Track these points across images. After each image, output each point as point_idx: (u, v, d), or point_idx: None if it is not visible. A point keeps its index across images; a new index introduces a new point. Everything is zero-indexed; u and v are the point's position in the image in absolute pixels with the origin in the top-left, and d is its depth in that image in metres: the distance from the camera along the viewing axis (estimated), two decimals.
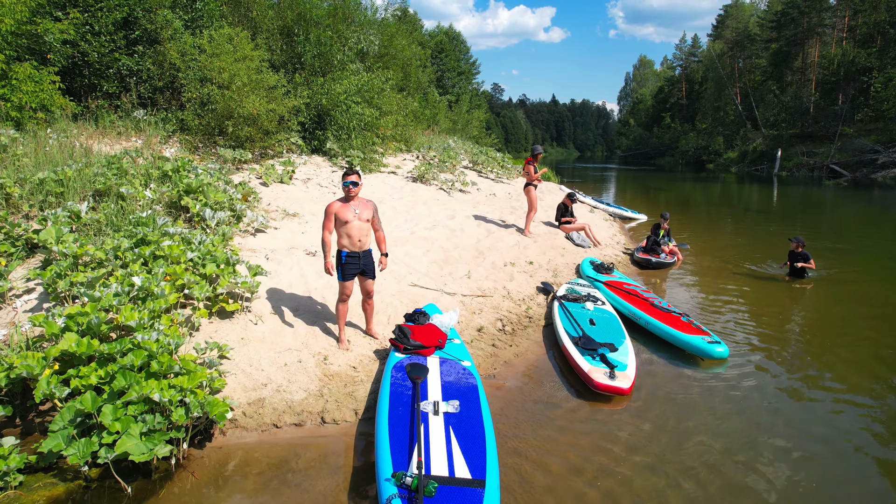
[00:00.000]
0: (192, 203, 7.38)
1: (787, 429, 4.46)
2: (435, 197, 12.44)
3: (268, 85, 12.40)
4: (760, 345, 6.30)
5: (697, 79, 66.32)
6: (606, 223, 13.99)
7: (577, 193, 13.80)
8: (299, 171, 12.22)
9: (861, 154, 37.07)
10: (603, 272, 8.38)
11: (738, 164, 48.25)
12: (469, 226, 10.28)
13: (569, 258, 9.54)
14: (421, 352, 5.03)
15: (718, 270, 9.90)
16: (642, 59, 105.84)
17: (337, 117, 14.08)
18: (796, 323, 7.15)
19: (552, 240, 10.41)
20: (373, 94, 15.45)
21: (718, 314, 7.40)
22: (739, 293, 8.40)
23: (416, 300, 6.60)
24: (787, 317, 7.47)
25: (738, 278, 9.25)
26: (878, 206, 23.17)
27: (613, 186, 34.75)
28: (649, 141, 73.15)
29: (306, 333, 5.45)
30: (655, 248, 10.50)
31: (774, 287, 8.74)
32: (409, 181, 13.55)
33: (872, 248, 12.56)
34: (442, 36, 39.34)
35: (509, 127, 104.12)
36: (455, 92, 36.96)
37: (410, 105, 17.72)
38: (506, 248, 9.28)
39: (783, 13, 49.02)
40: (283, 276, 6.58)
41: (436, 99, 25.41)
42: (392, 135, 16.08)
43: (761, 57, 54.44)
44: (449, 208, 11.43)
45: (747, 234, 14.66)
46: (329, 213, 5.12)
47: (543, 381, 5.29)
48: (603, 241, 11.29)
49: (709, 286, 8.92)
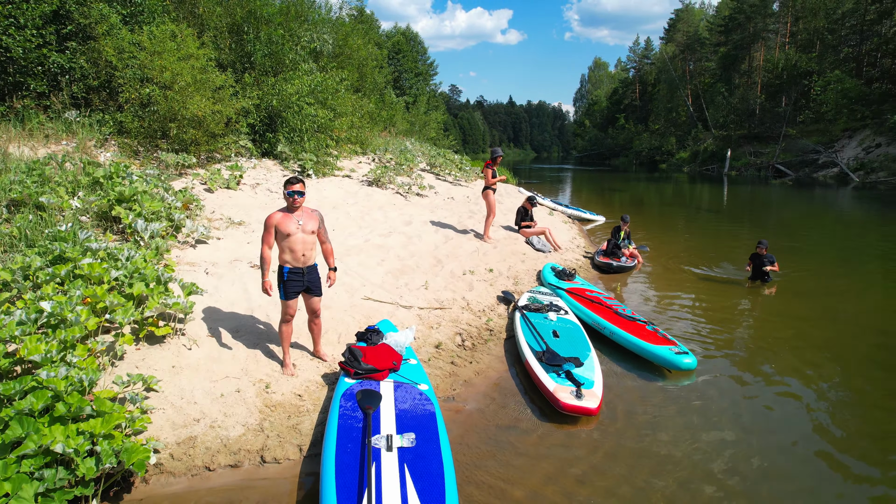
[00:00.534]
0: (125, 213, 6.74)
1: (761, 445, 4.24)
2: (391, 201, 11.99)
3: (214, 85, 11.71)
4: (727, 353, 6.12)
5: (650, 81, 67.79)
6: (566, 226, 13.83)
7: (536, 196, 13.54)
8: (248, 176, 11.57)
9: (804, 154, 38.44)
10: (565, 279, 8.12)
11: (689, 164, 49.46)
12: (426, 232, 9.87)
13: (529, 264, 9.25)
14: (373, 376, 4.60)
15: (677, 274, 9.80)
16: (597, 61, 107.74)
17: (289, 119, 13.46)
18: (762, 329, 7.03)
19: (512, 245, 10.11)
20: (327, 95, 14.88)
21: (682, 321, 7.22)
22: (701, 298, 8.28)
23: (369, 315, 6.15)
24: (752, 322, 7.36)
25: (699, 282, 9.15)
26: (820, 203, 23.97)
27: (570, 187, 34.97)
28: (604, 142, 74.40)
29: (247, 358, 4.94)
30: (616, 252, 10.34)
31: (736, 291, 8.66)
32: (364, 185, 13.06)
33: (821, 246, 12.79)
34: (399, 37, 38.82)
35: (467, 128, 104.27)
36: (412, 93, 36.50)
37: (366, 106, 17.20)
38: (465, 255, 8.92)
39: (731, 18, 50.54)
40: (223, 293, 6.03)
41: (393, 100, 24.89)
42: (347, 137, 15.54)
43: (711, 60, 56.02)
44: (406, 213, 11.00)
45: (701, 235, 14.77)
46: (269, 226, 4.63)
47: (506, 402, 4.93)
48: (563, 245, 11.07)
49: (670, 291, 8.78)
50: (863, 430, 4.54)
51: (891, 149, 34.18)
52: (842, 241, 13.90)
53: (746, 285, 8.92)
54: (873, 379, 5.50)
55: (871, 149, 35.66)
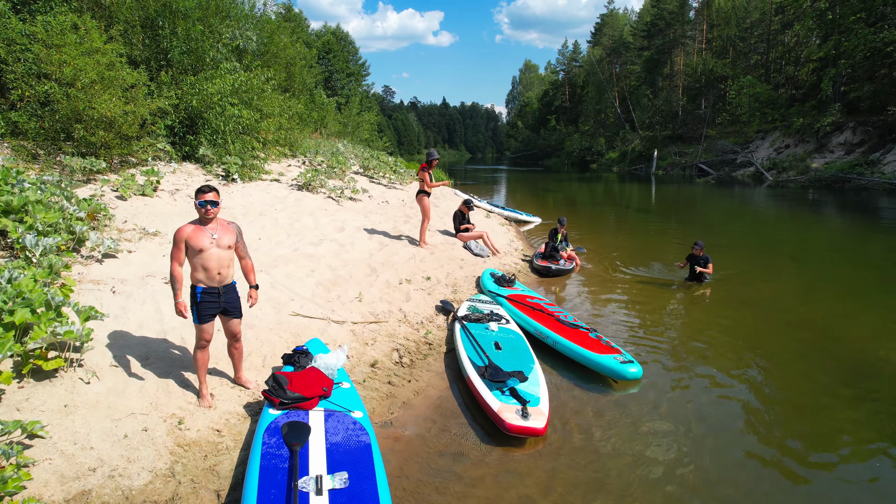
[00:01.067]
0: (12, 226, 5.93)
1: (714, 460, 4.12)
2: (322, 207, 11.44)
3: (125, 83, 10.78)
4: (671, 358, 6.07)
5: (579, 83, 69.66)
6: (503, 228, 13.71)
7: (473, 199, 13.36)
8: (166, 181, 10.72)
9: (723, 154, 40.52)
10: (504, 285, 7.91)
11: (619, 164, 51.14)
12: (360, 239, 9.42)
13: (468, 270, 8.99)
14: (301, 405, 4.16)
15: (614, 275, 9.82)
16: (527, 63, 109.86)
17: (211, 120, 12.62)
18: (700, 330, 7.05)
19: (450, 250, 9.82)
20: (252, 95, 14.10)
21: (622, 325, 7.16)
22: (639, 300, 8.28)
23: (298, 333, 5.68)
24: (690, 323, 7.39)
25: (636, 284, 9.18)
26: (739, 201, 25.23)
27: (504, 188, 35.25)
28: (537, 142, 75.88)
29: (157, 390, 4.37)
30: (554, 255, 10.27)
31: (672, 292, 8.73)
32: (293, 189, 12.43)
33: (744, 243, 13.29)
34: (329, 36, 37.83)
35: (402, 129, 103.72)
36: (345, 94, 35.67)
37: (295, 107, 16.46)
38: (401, 262, 8.55)
39: (652, 24, 52.61)
40: (132, 314, 5.38)
41: (323, 101, 24.11)
42: (275, 139, 14.79)
43: (636, 63, 58.17)
44: (338, 219, 10.50)
45: (632, 234, 15.06)
46: (178, 241, 4.10)
47: (449, 425, 4.61)
48: (501, 249, 10.90)
49: (609, 293, 8.76)
50: (808, 432, 4.53)
51: (798, 149, 36.56)
52: (762, 237, 14.52)
53: (685, 283, 9.03)
54: (804, 373, 5.57)
55: (781, 149, 38.03)
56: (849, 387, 5.30)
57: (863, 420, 4.71)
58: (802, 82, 40.73)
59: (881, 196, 24.04)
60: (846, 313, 7.68)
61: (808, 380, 5.50)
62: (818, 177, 31.11)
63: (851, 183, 28.77)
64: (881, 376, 5.51)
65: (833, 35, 33.21)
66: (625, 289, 8.93)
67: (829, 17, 33.34)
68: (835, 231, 15.80)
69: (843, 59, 32.62)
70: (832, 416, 4.79)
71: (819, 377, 5.55)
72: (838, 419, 4.74)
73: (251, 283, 4.55)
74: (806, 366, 5.84)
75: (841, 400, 5.06)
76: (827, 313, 7.65)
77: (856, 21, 31.44)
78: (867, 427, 4.59)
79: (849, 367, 5.80)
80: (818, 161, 34.10)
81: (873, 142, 32.53)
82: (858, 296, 8.58)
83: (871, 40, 30.23)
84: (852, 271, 10.35)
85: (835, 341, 6.55)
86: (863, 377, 5.53)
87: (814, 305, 8.01)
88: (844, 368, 5.75)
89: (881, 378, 5.47)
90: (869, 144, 32.70)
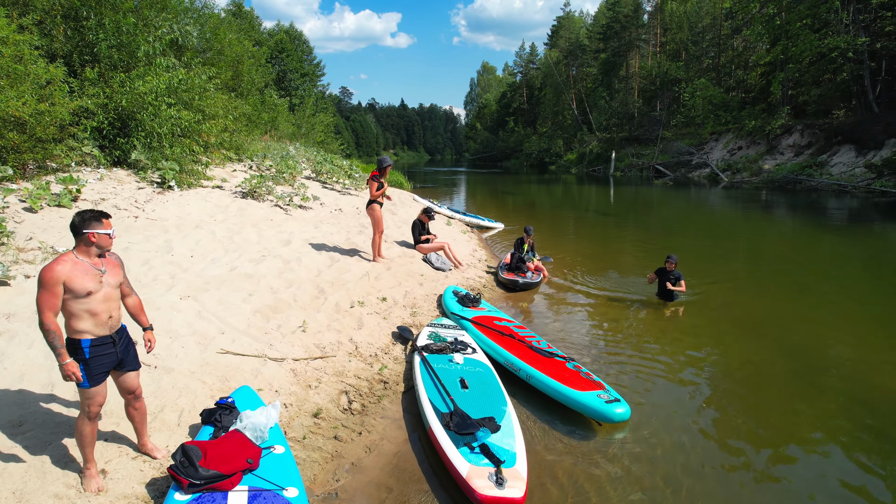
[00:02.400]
0: None
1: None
2: (268, 216, 10.42)
3: (39, 80, 9.52)
4: (660, 393, 5.34)
5: (537, 85, 69.82)
6: (465, 236, 12.94)
7: (433, 206, 12.57)
8: (90, 190, 9.52)
9: (679, 156, 40.96)
10: (469, 305, 7.11)
11: (577, 166, 51.26)
12: (308, 253, 8.46)
13: (429, 287, 8.15)
14: (218, 486, 3.24)
15: (581, 288, 9.14)
16: (485, 65, 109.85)
17: (145, 122, 11.39)
18: (679, 352, 6.40)
19: (408, 264, 8.97)
20: (193, 95, 12.90)
21: (600, 350, 6.45)
22: (613, 318, 7.61)
23: (226, 378, 4.72)
24: (674, 346, 6.71)
25: (606, 301, 8.48)
26: (696, 202, 25.25)
27: (464, 190, 34.61)
28: (496, 144, 75.77)
29: (27, 470, 3.36)
30: (521, 266, 9.55)
31: (645, 311, 7.97)
32: (237, 197, 11.34)
33: (704, 248, 12.92)
34: (282, 35, 36.30)
35: (360, 131, 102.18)
36: (299, 94, 34.31)
37: (241, 107, 15.29)
38: (353, 280, 7.64)
39: (608, 26, 53.00)
40: (13, 362, 4.33)
41: (275, 101, 22.81)
42: (219, 142, 13.63)
43: (592, 66, 58.55)
44: (285, 231, 9.50)
45: (594, 239, 14.56)
46: (53, 284, 3.05)
47: (408, 496, 3.75)
48: (464, 260, 10.12)
49: (578, 310, 8.07)
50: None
51: (750, 151, 37.24)
52: (721, 239, 14.22)
53: (646, 302, 8.29)
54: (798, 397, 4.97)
55: (734, 151, 38.69)
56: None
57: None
58: (752, 86, 41.58)
59: (829, 197, 24.49)
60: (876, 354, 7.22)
61: (810, 405, 4.90)
62: (771, 178, 31.63)
63: (802, 184, 29.32)
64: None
65: (781, 40, 33.90)
66: (595, 305, 8.23)
67: (777, 22, 33.99)
68: (791, 232, 15.69)
69: (791, 63, 33.34)
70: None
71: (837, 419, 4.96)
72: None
73: (144, 324, 3.61)
74: (799, 383, 5.26)
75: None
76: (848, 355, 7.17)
77: (802, 27, 32.13)
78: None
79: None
80: (769, 162, 34.76)
81: (820, 144, 33.34)
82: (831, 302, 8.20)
83: (816, 46, 30.93)
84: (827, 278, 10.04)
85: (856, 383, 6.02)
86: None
87: (813, 327, 7.52)
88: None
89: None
90: (816, 146, 33.50)
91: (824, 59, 31.54)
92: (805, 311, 7.94)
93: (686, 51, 48.49)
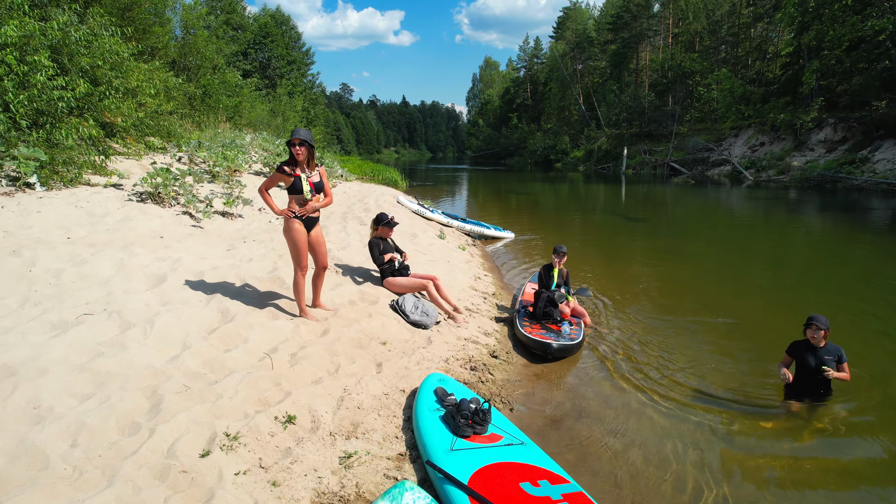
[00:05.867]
0: None
1: None
2: (160, 231, 6.64)
3: None
4: None
5: (541, 80, 65.98)
6: (463, 254, 9.16)
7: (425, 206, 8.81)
8: None
9: (696, 152, 37.09)
10: (467, 431, 3.34)
11: (584, 163, 47.47)
12: (185, 302, 4.62)
13: (393, 372, 4.28)
14: None
15: (646, 360, 5.36)
16: (488, 60, 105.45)
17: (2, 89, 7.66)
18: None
19: (364, 319, 5.06)
20: (96, 60, 9.16)
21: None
22: (727, 432, 3.83)
23: None
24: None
25: (707, 401, 4.67)
26: (732, 203, 21.21)
27: (465, 189, 30.80)
28: (499, 141, 71.99)
29: None
30: (552, 313, 5.81)
31: (789, 439, 4.08)
32: (131, 201, 7.56)
33: (831, 281, 9.08)
34: (267, 19, 32.26)
35: (360, 128, 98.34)
36: (285, 83, 30.46)
37: (174, 82, 11.46)
38: (243, 368, 3.77)
39: (618, 16, 49.18)
40: None
41: (237, 82, 18.82)
42: (131, 124, 9.84)
43: (600, 59, 54.66)
44: (170, 257, 5.67)
45: (633, 256, 10.72)
46: None
47: None
48: (463, 298, 6.34)
49: (666, 408, 4.28)
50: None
51: (774, 147, 33.38)
52: (836, 267, 10.42)
53: (790, 408, 4.25)
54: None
55: (756, 147, 34.82)
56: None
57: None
58: (775, 77, 37.60)
59: (873, 197, 20.66)
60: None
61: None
62: (805, 176, 27.76)
63: (842, 183, 25.47)
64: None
65: (814, 25, 29.96)
66: (695, 413, 4.40)
67: (812, 4, 29.98)
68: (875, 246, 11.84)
69: (826, 50, 29.43)
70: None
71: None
72: None
73: None
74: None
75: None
76: None
77: (841, 8, 28.20)
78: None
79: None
80: (798, 159, 30.92)
81: (857, 139, 29.45)
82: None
83: (859, 28, 27.02)
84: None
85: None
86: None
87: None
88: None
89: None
90: (853, 141, 29.61)
91: (865, 44, 27.64)
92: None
93: (701, 41, 44.52)
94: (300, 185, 4.52)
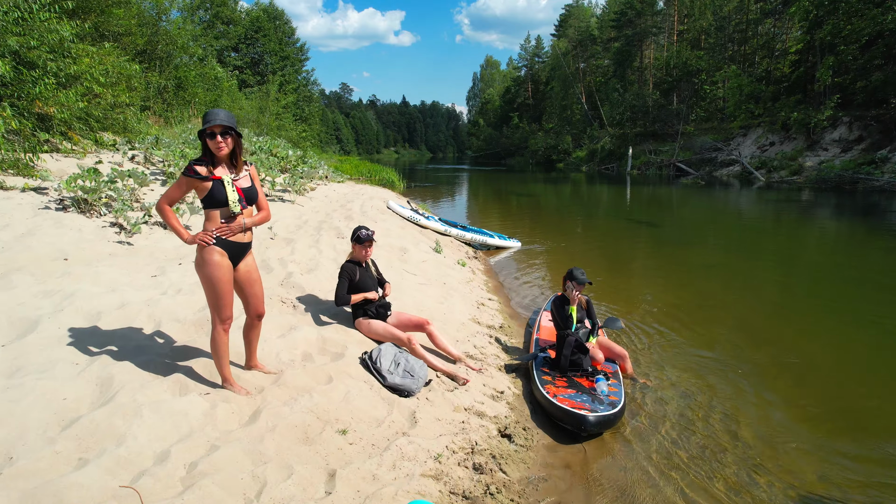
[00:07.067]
0: None
1: None
2: (68, 250, 5.08)
3: None
4: None
5: (543, 79, 64.44)
6: (463, 271, 7.61)
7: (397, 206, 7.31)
8: None
9: (703, 152, 35.52)
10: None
11: (587, 163, 45.92)
12: (51, 368, 3.06)
13: (346, 497, 2.77)
14: None
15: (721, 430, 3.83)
16: (489, 59, 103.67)
17: None
18: None
19: (315, 391, 3.47)
20: (29, 39, 7.65)
21: None
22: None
23: None
24: None
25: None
26: (754, 205, 19.57)
27: (465, 190, 29.24)
28: (499, 141, 70.46)
29: None
30: (580, 362, 4.29)
31: None
32: (51, 208, 6.02)
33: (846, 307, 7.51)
34: (259, 13, 30.64)
35: (359, 128, 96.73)
36: (277, 80, 28.89)
37: (151, 76, 9.92)
38: (97, 497, 2.28)
39: (621, 13, 47.62)
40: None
41: (217, 74, 17.18)
42: (79, 117, 8.31)
43: (603, 57, 53.10)
44: (61, 291, 4.08)
45: (661, 268, 9.16)
46: None
47: None
48: (463, 340, 4.79)
49: None
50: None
51: (785, 147, 31.83)
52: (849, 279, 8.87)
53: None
54: None
55: (765, 147, 33.25)
56: None
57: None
58: (784, 75, 36.00)
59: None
60: None
61: None
62: (821, 177, 26.17)
63: (862, 184, 23.91)
64: None
65: (829, 19, 28.38)
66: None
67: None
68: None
69: (843, 45, 27.83)
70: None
71: None
72: None
73: None
74: None
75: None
76: None
77: (860, 1, 26.61)
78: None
79: None
80: (811, 160, 29.34)
81: (874, 138, 27.87)
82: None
83: (879, 21, 25.45)
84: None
85: None
86: None
87: None
88: None
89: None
90: (869, 141, 28.03)
91: (883, 38, 26.07)
92: None
93: (707, 38, 42.91)
94: (222, 193, 2.96)
